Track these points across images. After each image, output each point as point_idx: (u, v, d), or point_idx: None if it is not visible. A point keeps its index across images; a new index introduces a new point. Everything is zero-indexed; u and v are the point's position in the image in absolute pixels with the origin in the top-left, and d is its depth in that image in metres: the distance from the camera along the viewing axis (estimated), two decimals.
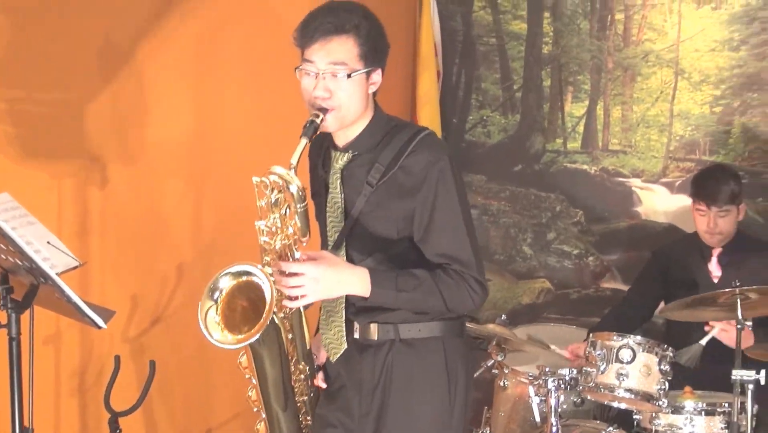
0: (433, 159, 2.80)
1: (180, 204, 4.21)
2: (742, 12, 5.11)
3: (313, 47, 2.75)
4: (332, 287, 2.75)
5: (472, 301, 2.81)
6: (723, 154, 5.17)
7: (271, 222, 2.72)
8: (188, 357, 4.16)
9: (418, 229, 2.81)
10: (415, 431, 2.90)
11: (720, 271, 4.50)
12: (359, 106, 2.81)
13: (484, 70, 5.73)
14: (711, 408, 3.97)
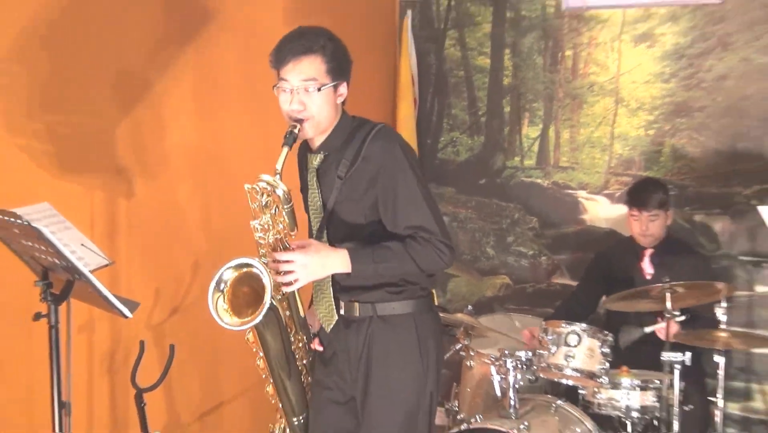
0: (388, 147, 2.84)
1: (192, 210, 4.20)
2: (672, 50, 5.12)
3: (287, 67, 2.78)
4: (319, 269, 2.78)
5: (441, 260, 2.83)
6: (655, 170, 5.18)
7: (264, 221, 2.78)
8: (202, 341, 4.14)
9: (384, 211, 2.85)
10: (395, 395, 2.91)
11: (652, 269, 4.52)
12: (330, 114, 2.85)
13: (453, 99, 5.72)
14: (644, 384, 3.99)
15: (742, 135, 4.99)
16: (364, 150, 2.83)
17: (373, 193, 2.84)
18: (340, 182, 2.85)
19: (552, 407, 4.04)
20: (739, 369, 5.07)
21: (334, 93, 2.84)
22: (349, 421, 2.99)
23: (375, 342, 2.91)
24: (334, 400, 3.01)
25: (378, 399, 2.91)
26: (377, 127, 2.90)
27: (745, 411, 5.08)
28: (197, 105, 4.20)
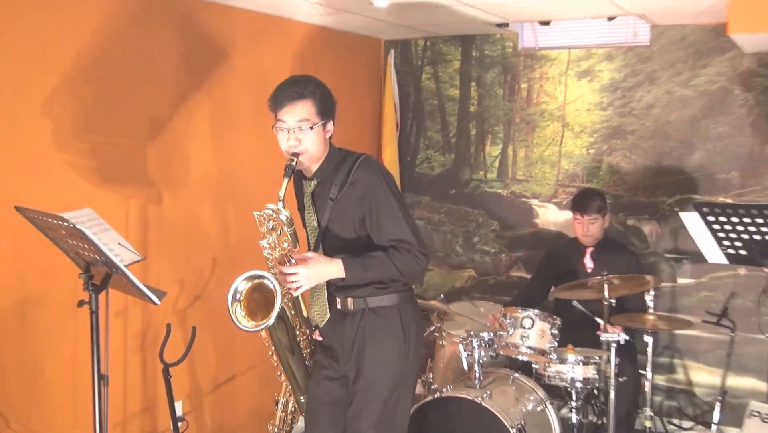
0: (371, 174, 2.88)
1: (211, 217, 4.22)
2: (609, 83, 5.14)
3: (283, 110, 2.81)
4: (319, 277, 2.85)
5: (418, 266, 2.87)
6: (595, 182, 5.19)
7: (271, 241, 2.82)
8: (219, 324, 4.14)
9: (370, 227, 2.88)
10: (382, 370, 2.93)
11: (592, 264, 4.52)
12: (321, 148, 2.88)
13: (429, 123, 5.72)
14: (586, 360, 4.00)
15: (666, 154, 5.01)
16: (351, 177, 2.87)
17: (360, 211, 2.87)
18: (332, 204, 2.89)
19: (510, 378, 4.05)
20: (664, 347, 5.09)
21: (323, 130, 2.87)
22: (340, 392, 3.01)
23: (366, 329, 2.95)
24: (328, 376, 3.03)
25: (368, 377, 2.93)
26: (361, 157, 2.93)
27: (670, 382, 5.09)
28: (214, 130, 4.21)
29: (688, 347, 5.02)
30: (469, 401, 3.70)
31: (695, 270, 4.96)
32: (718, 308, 4.82)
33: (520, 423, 3.69)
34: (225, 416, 4.33)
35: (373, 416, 2.91)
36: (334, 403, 3.01)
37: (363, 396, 2.92)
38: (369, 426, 2.91)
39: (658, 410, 5.06)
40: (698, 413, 5.03)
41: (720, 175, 4.87)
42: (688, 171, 4.94)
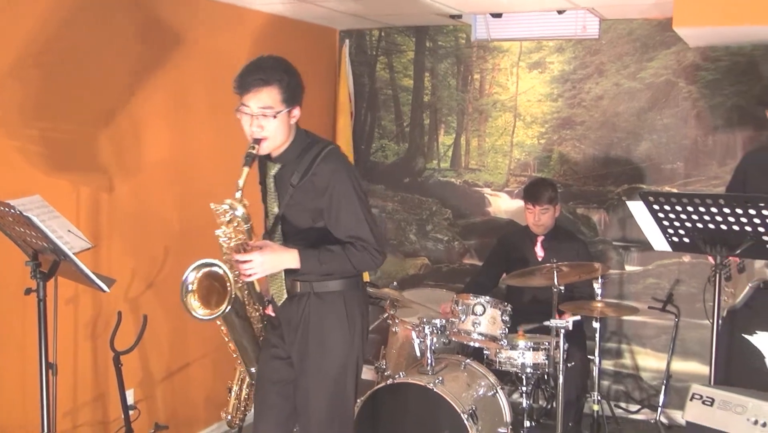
0: (334, 168, 2.83)
1: (164, 203, 4.15)
2: (559, 75, 5.17)
3: (248, 96, 2.73)
4: (273, 266, 2.80)
5: (374, 264, 2.86)
6: (546, 172, 5.22)
7: (228, 231, 2.75)
8: (171, 312, 4.08)
9: (329, 219, 2.84)
10: (325, 355, 2.91)
11: (543, 252, 4.55)
12: (284, 134, 2.81)
13: (383, 112, 5.70)
14: (536, 345, 4.02)
15: (614, 144, 5.06)
16: (314, 168, 2.80)
17: (320, 203, 2.81)
18: (292, 189, 2.83)
19: (462, 364, 4.05)
20: (612, 333, 5.14)
21: (288, 116, 2.79)
22: (287, 372, 2.98)
23: (311, 313, 2.91)
24: (276, 355, 3.00)
25: (313, 361, 2.90)
26: (328, 148, 2.86)
27: (617, 367, 5.15)
28: (169, 116, 4.14)
29: (635, 332, 5.09)
30: (421, 387, 3.69)
31: (642, 258, 5.02)
32: (664, 295, 4.90)
33: (472, 408, 3.69)
34: (178, 405, 4.27)
35: (323, 398, 2.90)
36: (282, 382, 2.99)
37: (310, 381, 2.90)
38: (320, 408, 2.90)
39: (605, 394, 5.12)
40: (644, 397, 5.10)
41: (666, 165, 4.93)
42: (636, 161, 4.99)
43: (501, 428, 3.93)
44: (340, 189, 2.80)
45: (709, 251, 2.99)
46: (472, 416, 3.66)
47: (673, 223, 3.04)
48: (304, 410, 2.93)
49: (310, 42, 5.34)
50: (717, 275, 2.99)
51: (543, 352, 3.99)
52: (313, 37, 5.39)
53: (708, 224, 2.93)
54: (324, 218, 2.84)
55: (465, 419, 3.59)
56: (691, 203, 2.91)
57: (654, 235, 3.17)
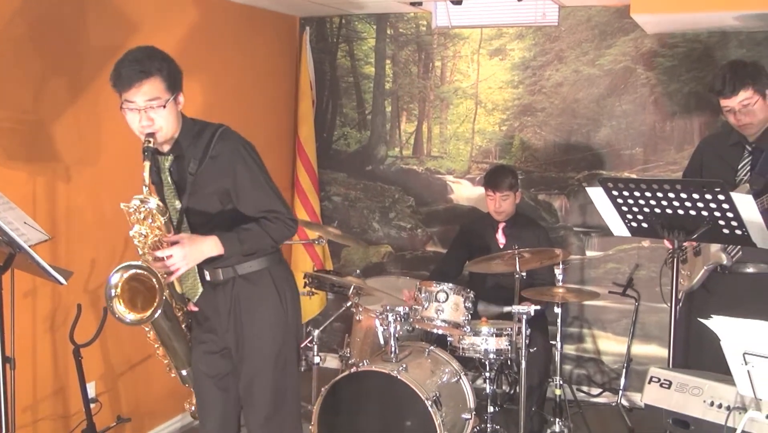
0: (232, 147, 2.80)
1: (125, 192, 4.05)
2: (520, 62, 5.20)
3: (131, 91, 2.63)
4: (196, 257, 2.72)
5: (289, 232, 2.85)
6: (507, 159, 5.25)
7: (142, 229, 2.67)
8: None
9: (236, 199, 2.81)
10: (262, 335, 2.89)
11: (504, 238, 4.57)
12: (174, 123, 2.74)
13: (345, 100, 5.68)
14: (499, 331, 4.03)
15: (574, 131, 5.11)
16: (211, 150, 2.76)
17: (223, 184, 2.77)
18: (192, 178, 2.77)
19: (426, 351, 4.07)
20: (574, 318, 5.21)
21: (175, 104, 2.72)
22: (223, 365, 2.97)
23: (240, 296, 2.88)
24: (209, 351, 2.97)
25: (251, 345, 2.88)
26: (220, 129, 2.81)
27: (579, 351, 5.22)
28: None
29: (596, 317, 5.16)
30: (385, 375, 3.71)
31: (602, 243, 5.08)
32: (624, 280, 4.97)
33: (435, 395, 3.72)
34: (140, 397, 4.23)
35: (266, 380, 2.89)
36: (219, 375, 2.97)
37: (251, 365, 2.89)
38: (265, 392, 2.90)
39: (568, 378, 5.19)
40: (606, 381, 5.18)
41: (625, 151, 4.99)
42: (595, 147, 5.05)
43: (465, 414, 3.96)
44: (242, 166, 2.77)
45: (667, 235, 3.04)
46: (436, 403, 3.68)
47: (631, 208, 3.08)
48: (249, 394, 2.92)
49: (270, 29, 5.30)
50: (674, 259, 3.04)
51: (506, 338, 4.01)
52: (273, 25, 5.35)
53: (666, 209, 2.97)
54: (232, 198, 2.80)
55: (429, 405, 3.62)
56: (649, 189, 2.95)
57: (613, 220, 3.21)
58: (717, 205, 2.84)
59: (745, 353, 1.96)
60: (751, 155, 3.37)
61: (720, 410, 2.06)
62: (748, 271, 3.36)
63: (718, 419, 2.06)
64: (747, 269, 3.36)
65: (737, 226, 2.87)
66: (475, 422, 4.10)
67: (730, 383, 2.07)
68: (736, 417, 2.02)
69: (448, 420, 3.75)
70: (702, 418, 2.11)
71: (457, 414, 3.92)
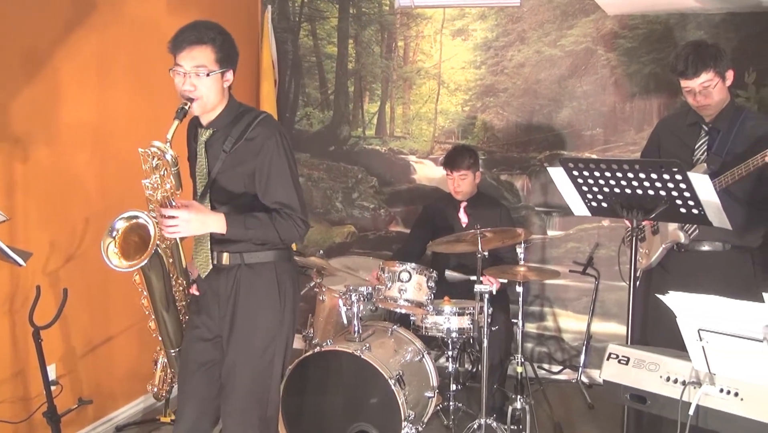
0: (268, 134, 2.81)
1: (87, 171, 4.03)
2: (482, 42, 5.21)
3: (182, 54, 2.71)
4: (198, 226, 2.73)
5: (298, 233, 2.84)
6: (470, 139, 5.28)
7: (153, 180, 2.72)
8: (94, 284, 4.01)
9: (259, 184, 2.82)
10: (257, 326, 2.89)
11: (467, 218, 4.60)
12: (217, 96, 2.79)
13: (307, 80, 5.65)
14: (462, 310, 4.06)
15: (536, 111, 5.14)
16: (249, 132, 2.79)
17: (252, 167, 2.80)
18: (224, 155, 2.80)
19: (389, 331, 4.09)
20: (535, 296, 5.27)
21: (221, 79, 2.77)
22: (213, 353, 2.95)
23: (242, 285, 2.88)
24: (201, 337, 2.95)
25: (242, 332, 2.88)
26: (262, 115, 2.86)
27: (540, 329, 5.29)
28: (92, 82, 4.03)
29: (557, 295, 5.23)
30: (348, 354, 3.72)
31: (563, 222, 5.14)
32: (584, 258, 5.04)
33: (399, 374, 3.74)
34: (101, 378, 4.20)
35: (248, 370, 2.88)
36: (207, 364, 2.94)
37: (237, 351, 2.88)
38: (244, 380, 2.88)
39: (529, 356, 5.26)
40: (566, 358, 5.26)
41: (586, 132, 5.04)
42: (557, 128, 5.09)
43: (428, 392, 4.00)
44: (273, 154, 2.79)
45: (625, 215, 3.07)
46: (399, 381, 3.71)
47: (591, 188, 3.11)
48: (229, 384, 2.89)
49: (231, 8, 5.25)
50: (633, 238, 3.08)
51: (468, 317, 4.04)
52: (235, 3, 5.29)
53: (625, 189, 3.00)
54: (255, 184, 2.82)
55: (392, 384, 3.64)
56: (608, 169, 2.98)
57: (574, 200, 3.23)
58: (674, 185, 2.88)
59: (700, 329, 2.00)
60: (707, 135, 3.42)
61: (676, 385, 2.11)
62: (704, 249, 3.42)
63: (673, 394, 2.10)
64: (703, 247, 3.42)
65: (694, 205, 2.92)
66: (438, 400, 4.14)
67: (686, 359, 2.11)
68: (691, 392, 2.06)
69: (411, 398, 3.78)
70: (658, 393, 2.16)
71: (420, 392, 3.95)
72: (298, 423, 3.85)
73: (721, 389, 2.03)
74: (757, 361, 1.82)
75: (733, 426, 2.00)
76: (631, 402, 2.22)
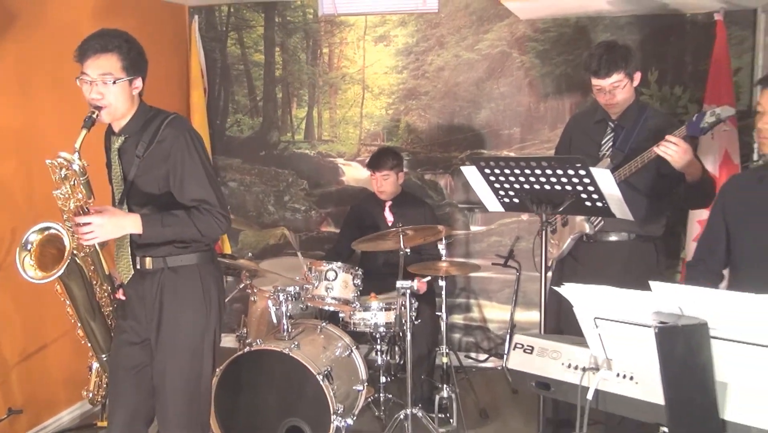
0: (176, 134, 2.74)
1: (13, 181, 3.88)
2: (404, 48, 5.19)
3: (87, 62, 2.64)
4: (113, 229, 2.65)
5: (219, 227, 2.76)
6: (395, 141, 5.26)
7: (64, 191, 2.62)
8: (25, 293, 3.86)
9: (173, 185, 2.74)
10: (183, 329, 2.82)
11: (392, 217, 4.58)
12: (125, 104, 2.72)
13: (236, 87, 5.56)
14: (388, 306, 4.05)
15: (456, 113, 5.15)
16: (159, 135, 2.71)
17: (165, 169, 2.72)
18: (138, 160, 2.72)
19: (318, 328, 4.05)
20: (461, 289, 5.28)
21: (129, 86, 2.70)
22: (142, 356, 2.87)
23: (166, 288, 2.80)
24: (129, 341, 2.87)
25: (169, 335, 2.80)
26: (170, 116, 2.78)
27: (467, 320, 5.30)
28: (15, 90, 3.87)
29: (482, 287, 5.24)
30: (278, 353, 3.66)
31: (485, 218, 5.16)
32: (506, 252, 5.06)
33: (327, 369, 3.70)
34: (36, 386, 4.05)
35: (177, 370, 2.81)
36: (136, 367, 2.86)
37: (165, 352, 2.80)
38: (175, 381, 2.81)
39: (457, 346, 5.27)
40: (492, 346, 5.28)
41: (503, 131, 5.06)
42: (476, 128, 5.10)
43: (357, 385, 3.96)
44: (184, 153, 2.71)
45: (535, 209, 3.08)
46: (328, 377, 3.66)
47: (503, 185, 3.11)
48: (161, 387, 2.82)
49: (158, 18, 5.12)
50: (543, 232, 3.10)
51: (394, 311, 4.03)
52: (162, 13, 5.17)
53: (534, 184, 3.02)
54: (170, 185, 2.74)
55: (320, 380, 3.60)
56: (518, 166, 2.99)
57: (487, 197, 3.24)
58: (579, 179, 2.90)
59: (596, 317, 2.00)
60: (613, 132, 3.46)
61: (576, 371, 2.10)
62: (611, 239, 3.46)
63: (574, 380, 2.10)
64: (610, 237, 3.46)
65: (597, 198, 2.94)
66: (368, 392, 4.11)
67: (585, 346, 2.11)
68: (590, 377, 2.06)
69: (340, 392, 3.74)
70: (560, 379, 2.15)
71: (349, 386, 3.91)
72: (232, 421, 3.77)
73: (618, 373, 2.03)
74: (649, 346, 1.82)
75: (629, 408, 2.00)
76: (536, 389, 2.22)
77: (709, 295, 1.76)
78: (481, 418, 4.35)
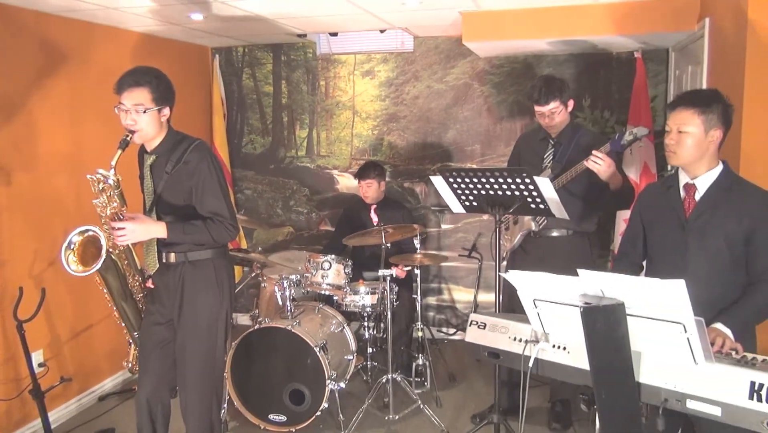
0: (200, 158, 2.72)
1: (63, 193, 3.84)
2: (386, 81, 5.16)
3: (123, 94, 2.62)
4: (143, 234, 2.65)
5: (228, 235, 2.75)
6: (379, 156, 5.22)
7: (102, 201, 2.59)
8: (74, 283, 3.81)
9: (195, 199, 2.73)
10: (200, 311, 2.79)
11: (377, 217, 4.55)
12: (155, 129, 2.69)
13: (250, 113, 5.51)
14: (373, 290, 4.00)
15: (429, 133, 5.12)
16: (186, 156, 2.70)
17: (189, 185, 2.71)
18: (167, 176, 2.71)
19: (316, 309, 4.00)
20: (434, 275, 5.24)
21: (159, 114, 2.67)
22: (166, 334, 2.85)
23: (186, 278, 2.78)
24: (156, 321, 2.85)
25: (188, 316, 2.78)
26: (196, 142, 2.77)
27: (439, 301, 5.27)
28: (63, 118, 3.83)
29: (451, 274, 5.21)
30: (282, 329, 3.62)
31: (453, 218, 5.13)
32: (470, 245, 5.03)
33: (323, 342, 3.66)
34: (84, 359, 4.00)
35: (196, 345, 2.78)
36: (162, 343, 2.84)
37: (186, 331, 2.78)
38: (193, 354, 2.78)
39: (432, 322, 5.23)
40: (459, 322, 5.25)
41: (467, 147, 5.03)
42: (445, 145, 5.07)
43: (347, 355, 3.92)
44: (205, 174, 2.70)
45: (491, 211, 3.06)
46: (323, 348, 3.62)
47: (464, 191, 3.09)
48: (182, 358, 2.80)
49: (186, 57, 5.08)
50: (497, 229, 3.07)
51: (378, 295, 4.00)
52: (189, 53, 5.12)
53: (489, 191, 3.00)
54: (192, 198, 2.72)
55: (318, 351, 3.56)
56: (475, 176, 2.97)
57: (452, 201, 3.21)
58: (525, 186, 2.88)
59: (535, 299, 1.98)
60: (553, 147, 3.44)
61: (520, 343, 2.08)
62: (553, 234, 3.44)
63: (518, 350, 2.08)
64: (552, 233, 3.44)
65: (540, 201, 2.92)
66: (358, 361, 4.07)
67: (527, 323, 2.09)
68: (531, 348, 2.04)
69: (334, 361, 3.70)
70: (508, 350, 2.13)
71: (341, 356, 3.87)
72: (245, 385, 3.73)
73: (554, 345, 2.01)
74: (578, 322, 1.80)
75: (563, 373, 1.98)
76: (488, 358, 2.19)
77: (625, 280, 1.74)
78: (450, 381, 4.32)
